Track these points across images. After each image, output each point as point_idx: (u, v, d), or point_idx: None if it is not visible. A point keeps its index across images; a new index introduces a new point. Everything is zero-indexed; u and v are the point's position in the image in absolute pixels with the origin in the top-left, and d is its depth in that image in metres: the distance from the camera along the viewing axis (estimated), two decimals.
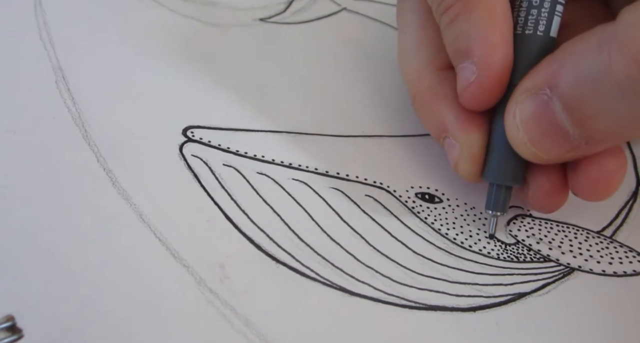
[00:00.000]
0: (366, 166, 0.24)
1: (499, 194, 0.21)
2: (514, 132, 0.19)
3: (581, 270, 0.22)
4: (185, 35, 0.27)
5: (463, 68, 0.19)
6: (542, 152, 0.19)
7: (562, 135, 0.18)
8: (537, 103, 0.18)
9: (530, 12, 0.19)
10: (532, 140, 0.19)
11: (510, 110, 0.19)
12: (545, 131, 0.18)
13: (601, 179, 0.19)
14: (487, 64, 0.19)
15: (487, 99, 0.20)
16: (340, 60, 0.28)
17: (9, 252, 0.19)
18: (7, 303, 0.17)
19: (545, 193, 0.21)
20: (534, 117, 0.18)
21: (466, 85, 0.19)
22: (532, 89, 0.18)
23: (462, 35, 0.19)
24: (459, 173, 0.21)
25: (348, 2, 0.31)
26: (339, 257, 0.21)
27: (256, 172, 0.22)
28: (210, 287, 0.19)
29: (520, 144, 0.19)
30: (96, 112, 0.23)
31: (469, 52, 0.19)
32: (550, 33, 0.20)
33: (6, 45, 0.24)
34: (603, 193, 0.20)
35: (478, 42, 0.19)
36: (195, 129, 0.23)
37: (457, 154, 0.21)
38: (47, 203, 0.20)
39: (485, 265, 0.21)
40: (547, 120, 0.18)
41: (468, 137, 0.21)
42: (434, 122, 0.22)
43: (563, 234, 0.23)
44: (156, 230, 0.20)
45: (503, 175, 0.21)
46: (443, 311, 0.20)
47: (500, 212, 0.21)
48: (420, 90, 0.22)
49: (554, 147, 0.18)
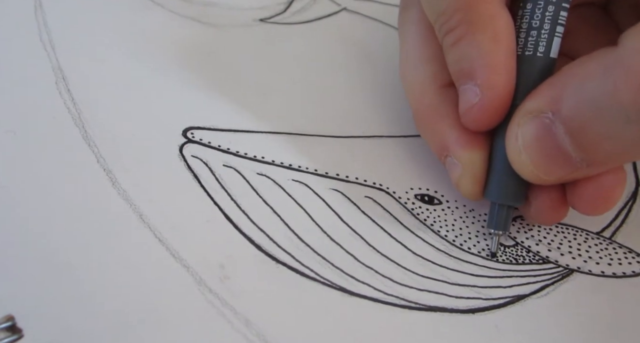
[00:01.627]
0: (366, 167, 0.24)
1: (500, 213, 0.21)
2: (516, 154, 0.19)
3: (580, 271, 0.22)
4: (185, 36, 0.27)
5: (466, 90, 0.19)
6: (544, 174, 0.19)
7: (564, 159, 0.18)
8: (539, 126, 0.18)
9: (531, 33, 0.19)
10: (534, 162, 0.18)
11: (512, 132, 0.19)
12: (547, 154, 0.18)
13: (600, 195, 0.19)
14: (490, 87, 0.19)
15: (489, 121, 0.20)
16: (340, 60, 0.28)
17: (9, 252, 0.19)
18: (7, 303, 0.17)
19: (547, 209, 0.21)
20: (536, 140, 0.18)
21: (469, 107, 0.19)
22: (534, 112, 0.18)
23: (466, 57, 0.19)
24: (461, 192, 0.21)
25: (348, 2, 0.31)
26: (339, 258, 0.21)
27: (256, 173, 0.22)
28: (210, 287, 0.19)
29: (522, 166, 0.19)
30: (96, 113, 0.23)
31: (472, 74, 0.19)
32: (551, 54, 0.19)
33: (6, 46, 0.24)
34: (602, 209, 0.20)
35: (481, 64, 0.19)
36: (195, 130, 0.23)
37: (458, 173, 0.21)
38: (47, 204, 0.20)
39: (484, 267, 0.21)
40: (549, 144, 0.18)
41: (470, 156, 0.21)
42: (435, 140, 0.22)
43: (562, 235, 0.23)
44: (156, 230, 0.20)
45: (505, 194, 0.20)
46: (442, 312, 0.20)
47: (502, 231, 0.21)
48: (422, 107, 0.22)
49: (556, 169, 0.18)
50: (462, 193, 0.21)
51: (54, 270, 0.18)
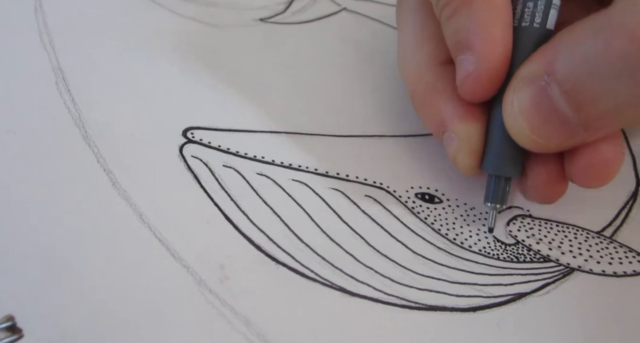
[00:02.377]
0: (366, 166, 0.24)
1: (498, 186, 0.21)
2: (513, 120, 0.19)
3: (581, 270, 0.22)
4: (185, 35, 0.27)
5: (462, 59, 0.20)
6: (542, 139, 0.19)
7: (562, 121, 0.18)
8: (535, 90, 0.18)
9: (527, 4, 0.20)
10: (531, 127, 0.18)
11: (508, 98, 0.19)
12: (544, 118, 0.18)
13: (597, 164, 0.19)
14: (486, 56, 0.19)
15: (486, 90, 0.20)
16: (340, 60, 0.28)
17: (9, 252, 0.19)
18: (7, 303, 0.17)
19: (545, 183, 0.21)
20: (532, 104, 0.18)
21: (466, 76, 0.20)
22: (529, 76, 0.18)
23: (462, 28, 0.19)
24: (458, 166, 0.21)
25: (348, 2, 0.31)
26: (339, 258, 0.21)
27: (256, 173, 0.22)
28: (210, 287, 0.19)
29: (520, 132, 0.19)
30: (96, 113, 0.23)
31: (469, 44, 0.19)
32: (547, 25, 0.19)
33: (6, 47, 0.24)
34: (599, 180, 0.20)
35: (478, 34, 0.19)
36: (195, 130, 0.23)
37: (455, 147, 0.21)
38: (47, 204, 0.20)
39: (485, 265, 0.21)
40: (546, 107, 0.18)
41: (466, 129, 0.21)
42: (432, 117, 0.22)
43: (563, 234, 0.23)
44: (156, 230, 0.20)
45: (502, 166, 0.20)
46: (443, 311, 0.20)
47: (499, 204, 0.21)
48: (419, 86, 0.22)
49: (554, 133, 0.18)
50: (459, 167, 0.21)
51: (54, 270, 0.18)
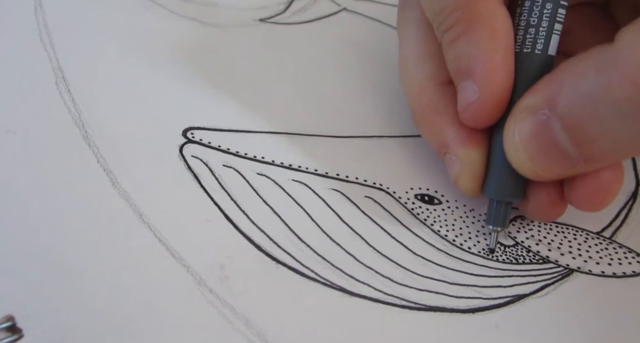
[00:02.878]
0: (366, 167, 0.24)
1: (499, 210, 0.21)
2: (514, 150, 0.19)
3: (580, 271, 0.22)
4: (185, 35, 0.27)
5: (464, 86, 0.19)
6: (541, 170, 0.19)
7: (561, 155, 0.18)
8: (536, 122, 0.18)
9: (529, 31, 0.19)
10: (531, 158, 0.19)
11: (510, 128, 0.19)
12: (544, 150, 0.18)
13: (598, 191, 0.19)
14: (488, 84, 0.19)
15: (487, 118, 0.20)
16: (340, 60, 0.28)
17: (9, 252, 0.19)
18: (7, 303, 0.17)
19: (545, 206, 0.21)
20: (533, 136, 0.18)
21: (467, 104, 0.19)
22: (531, 108, 0.18)
23: (464, 54, 0.19)
24: (459, 189, 0.21)
25: (348, 2, 0.31)
26: (339, 258, 0.21)
27: (256, 173, 0.22)
28: (210, 287, 0.19)
29: (520, 162, 0.19)
30: (96, 113, 0.23)
31: (471, 72, 0.19)
32: (549, 51, 0.19)
33: (6, 46, 0.24)
34: (600, 204, 0.20)
35: (479, 62, 0.19)
36: (195, 130, 0.23)
37: (457, 170, 0.21)
38: (47, 204, 0.20)
39: (485, 266, 0.21)
40: (546, 140, 0.18)
41: (468, 153, 0.21)
42: (434, 138, 0.22)
43: (562, 235, 0.23)
44: (156, 230, 0.20)
45: (503, 191, 0.21)
46: (442, 312, 0.20)
47: (500, 227, 0.21)
48: (421, 106, 0.22)
49: (553, 165, 0.18)
50: (461, 190, 0.21)
51: (53, 270, 0.18)
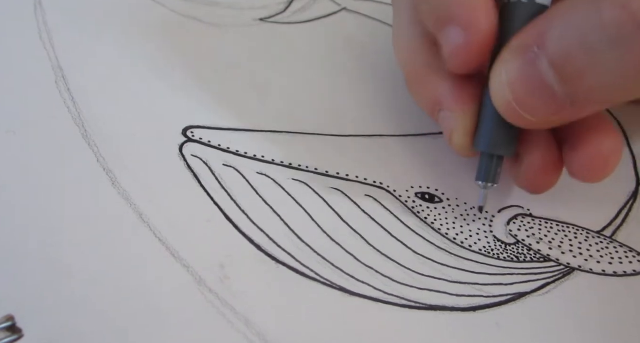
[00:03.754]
0: (366, 166, 0.24)
1: (490, 164, 0.21)
2: (500, 91, 0.19)
3: (581, 270, 0.22)
4: (186, 35, 0.27)
5: (448, 32, 0.19)
6: (527, 112, 0.18)
7: (548, 94, 0.18)
8: (524, 61, 0.18)
9: None
10: (517, 99, 0.18)
11: (497, 70, 0.19)
12: (531, 90, 0.18)
13: (597, 159, 0.19)
14: (472, 24, 0.19)
15: (475, 59, 0.19)
16: (340, 60, 0.28)
17: (9, 252, 0.19)
18: (7, 303, 0.17)
19: (538, 171, 0.21)
20: (520, 76, 0.18)
21: (454, 48, 0.19)
22: (519, 48, 0.18)
23: (444, 2, 0.19)
24: (453, 146, 0.21)
25: (348, 2, 0.31)
26: (339, 257, 0.21)
27: (256, 172, 0.22)
28: (210, 287, 0.19)
29: (506, 104, 0.19)
30: (96, 112, 0.23)
31: (452, 16, 0.19)
32: (544, 1, 0.19)
33: (6, 45, 0.24)
34: (600, 174, 0.20)
35: (460, 5, 0.19)
36: (195, 129, 0.23)
37: (451, 126, 0.21)
38: (47, 204, 0.20)
39: (486, 265, 0.21)
40: (533, 78, 0.18)
41: (462, 107, 0.20)
42: (427, 96, 0.22)
43: (563, 234, 0.23)
44: (156, 230, 0.20)
45: (494, 144, 0.20)
46: (443, 311, 0.20)
47: (490, 183, 0.21)
48: (414, 66, 0.22)
49: (540, 106, 0.18)
50: (454, 147, 0.21)
51: (53, 270, 0.18)
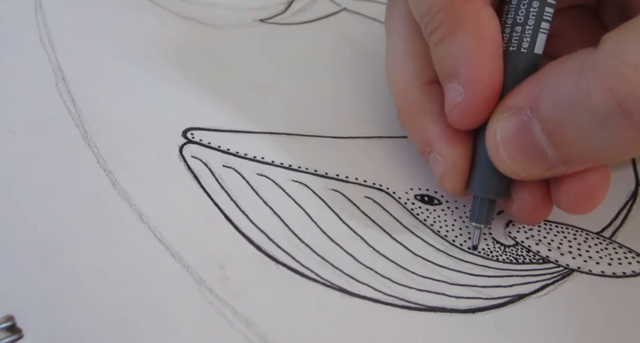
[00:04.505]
0: (366, 168, 0.24)
1: (482, 207, 0.21)
2: (494, 149, 0.19)
3: (580, 271, 0.22)
4: (185, 36, 0.27)
5: (450, 88, 0.19)
6: (521, 170, 0.19)
7: (540, 156, 0.18)
8: (517, 123, 0.18)
9: (515, 29, 0.19)
10: (511, 158, 0.19)
11: (492, 127, 0.19)
12: (523, 151, 0.18)
13: (584, 193, 0.19)
14: (472, 85, 0.19)
15: (473, 119, 0.20)
16: (340, 60, 0.28)
17: (9, 252, 0.19)
18: (7, 303, 0.17)
19: (529, 207, 0.21)
20: (513, 136, 0.18)
21: (453, 106, 0.19)
22: (513, 108, 0.18)
23: (449, 56, 0.19)
24: (444, 188, 0.21)
25: (348, 2, 0.31)
26: (339, 258, 0.21)
27: (256, 174, 0.22)
28: (210, 287, 0.19)
29: (500, 162, 0.19)
30: (96, 113, 0.23)
31: (455, 73, 0.19)
32: (535, 50, 0.19)
33: (6, 47, 0.24)
34: (586, 207, 0.20)
35: (463, 63, 0.19)
36: (195, 131, 0.23)
37: (442, 169, 0.21)
38: (47, 204, 0.20)
39: (485, 266, 0.21)
40: (526, 141, 0.18)
41: (453, 152, 0.21)
42: (418, 136, 0.22)
43: (562, 235, 0.23)
44: (156, 230, 0.20)
45: (487, 188, 0.21)
46: (442, 312, 0.20)
47: (483, 224, 0.21)
48: (406, 104, 0.22)
49: (532, 166, 0.18)
50: (445, 189, 0.21)
51: (54, 270, 0.18)
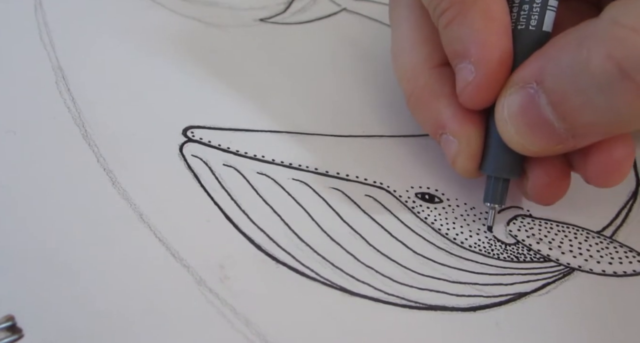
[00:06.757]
0: (366, 166, 0.24)
1: (497, 187, 0.21)
2: (503, 124, 0.19)
3: (581, 270, 0.22)
4: (186, 35, 0.27)
5: (461, 68, 0.20)
6: (529, 144, 0.19)
7: (548, 129, 0.18)
8: (524, 97, 0.18)
9: (523, 7, 0.20)
10: (519, 133, 0.19)
11: (500, 103, 0.19)
12: (531, 124, 0.18)
13: (611, 167, 0.19)
14: (483, 63, 0.19)
15: (485, 98, 0.20)
16: (340, 60, 0.28)
17: (9, 252, 0.19)
18: (7, 303, 0.17)
19: (544, 186, 0.21)
20: (520, 111, 0.18)
21: (465, 85, 0.20)
22: (520, 83, 0.18)
23: (459, 37, 0.19)
24: (457, 169, 0.21)
25: (348, 3, 0.31)
26: (339, 257, 0.21)
27: (256, 172, 0.22)
28: (210, 287, 0.19)
29: (509, 136, 0.19)
30: (96, 112, 0.23)
31: (466, 53, 0.19)
32: (543, 28, 0.19)
33: (6, 46, 0.25)
34: (614, 180, 0.20)
35: (473, 43, 0.19)
36: (195, 129, 0.23)
37: (455, 150, 0.21)
38: (47, 204, 0.20)
39: (486, 265, 0.21)
40: (533, 114, 0.18)
41: (466, 132, 0.21)
42: (430, 120, 0.22)
43: (563, 234, 0.23)
44: (156, 230, 0.20)
45: (501, 167, 0.21)
46: (443, 311, 0.20)
47: (498, 204, 0.21)
48: (416, 89, 0.22)
49: (541, 140, 0.19)
50: (458, 170, 0.21)
51: (53, 270, 0.18)
